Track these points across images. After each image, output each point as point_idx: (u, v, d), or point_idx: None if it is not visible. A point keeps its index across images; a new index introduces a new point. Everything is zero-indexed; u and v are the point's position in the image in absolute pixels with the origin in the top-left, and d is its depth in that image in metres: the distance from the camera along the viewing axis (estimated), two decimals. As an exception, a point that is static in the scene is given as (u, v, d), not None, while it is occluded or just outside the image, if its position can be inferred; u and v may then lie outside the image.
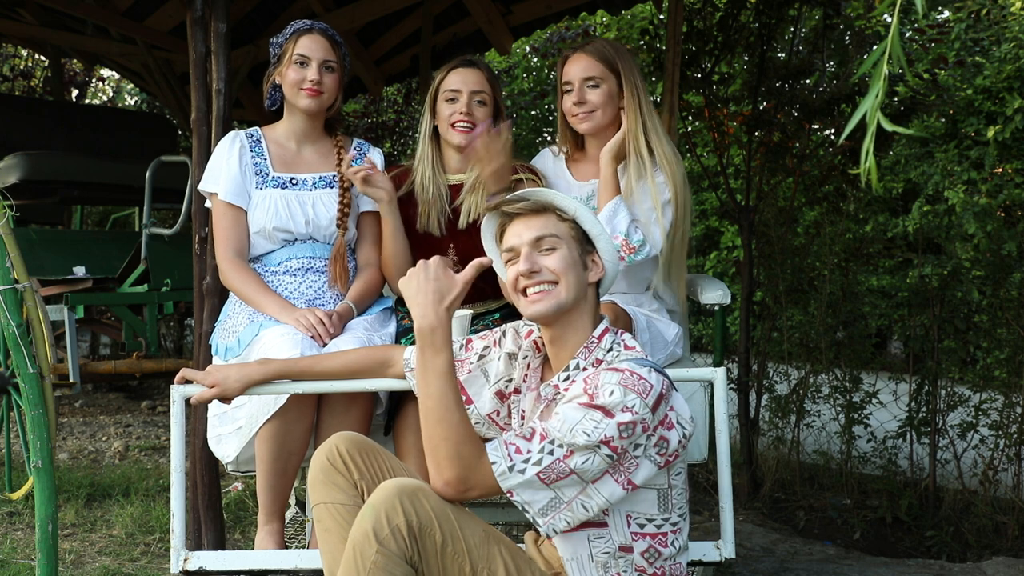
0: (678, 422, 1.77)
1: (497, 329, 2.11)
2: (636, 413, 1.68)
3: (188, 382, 2.19)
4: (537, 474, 1.70)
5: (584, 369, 1.84)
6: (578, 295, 1.85)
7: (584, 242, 1.90)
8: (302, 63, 2.55)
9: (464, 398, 2.05)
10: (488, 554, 1.76)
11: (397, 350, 2.18)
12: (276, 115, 2.70)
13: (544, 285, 1.83)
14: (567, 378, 1.85)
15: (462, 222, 2.59)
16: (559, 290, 1.83)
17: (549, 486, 1.70)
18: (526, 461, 1.71)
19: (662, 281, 2.65)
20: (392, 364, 2.16)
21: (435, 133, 2.65)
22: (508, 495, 1.71)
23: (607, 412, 1.68)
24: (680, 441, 1.76)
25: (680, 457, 1.79)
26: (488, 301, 2.63)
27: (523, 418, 1.98)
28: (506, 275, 1.94)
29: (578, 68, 2.60)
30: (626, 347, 1.86)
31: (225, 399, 2.17)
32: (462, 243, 2.60)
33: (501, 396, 2.05)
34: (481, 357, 2.08)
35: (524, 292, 1.86)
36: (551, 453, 1.70)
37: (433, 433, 1.76)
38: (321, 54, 2.56)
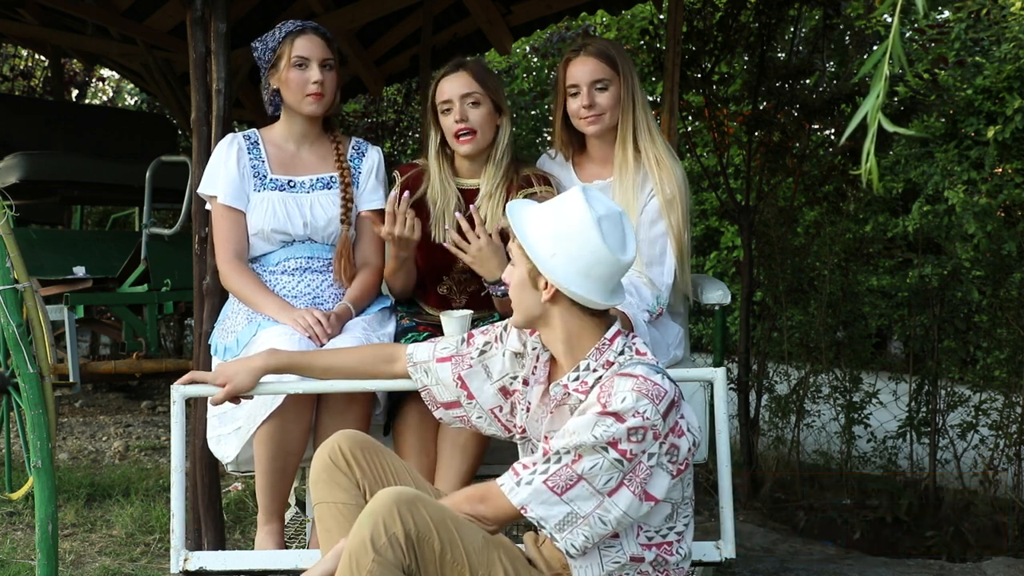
0: (688, 429, 1.78)
1: (499, 324, 2.10)
2: (647, 419, 1.69)
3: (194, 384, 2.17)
4: (544, 482, 1.70)
5: (594, 370, 1.83)
6: (529, 311, 1.86)
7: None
8: (301, 65, 2.53)
9: (466, 393, 2.07)
10: (488, 561, 1.76)
11: (400, 347, 2.17)
12: (275, 115, 2.70)
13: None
14: (577, 378, 1.85)
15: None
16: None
17: (561, 498, 1.70)
18: (532, 472, 1.72)
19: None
20: (396, 359, 2.15)
21: (443, 143, 2.62)
22: (523, 512, 1.71)
23: (618, 417, 1.69)
24: (690, 449, 1.77)
25: (689, 467, 1.80)
26: (492, 310, 2.61)
27: (528, 410, 1.98)
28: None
29: (585, 71, 2.55)
30: (638, 352, 1.85)
31: (239, 394, 2.12)
32: None
33: (505, 392, 2.05)
34: (482, 352, 2.07)
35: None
36: (558, 461, 1.71)
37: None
38: (319, 53, 2.55)
